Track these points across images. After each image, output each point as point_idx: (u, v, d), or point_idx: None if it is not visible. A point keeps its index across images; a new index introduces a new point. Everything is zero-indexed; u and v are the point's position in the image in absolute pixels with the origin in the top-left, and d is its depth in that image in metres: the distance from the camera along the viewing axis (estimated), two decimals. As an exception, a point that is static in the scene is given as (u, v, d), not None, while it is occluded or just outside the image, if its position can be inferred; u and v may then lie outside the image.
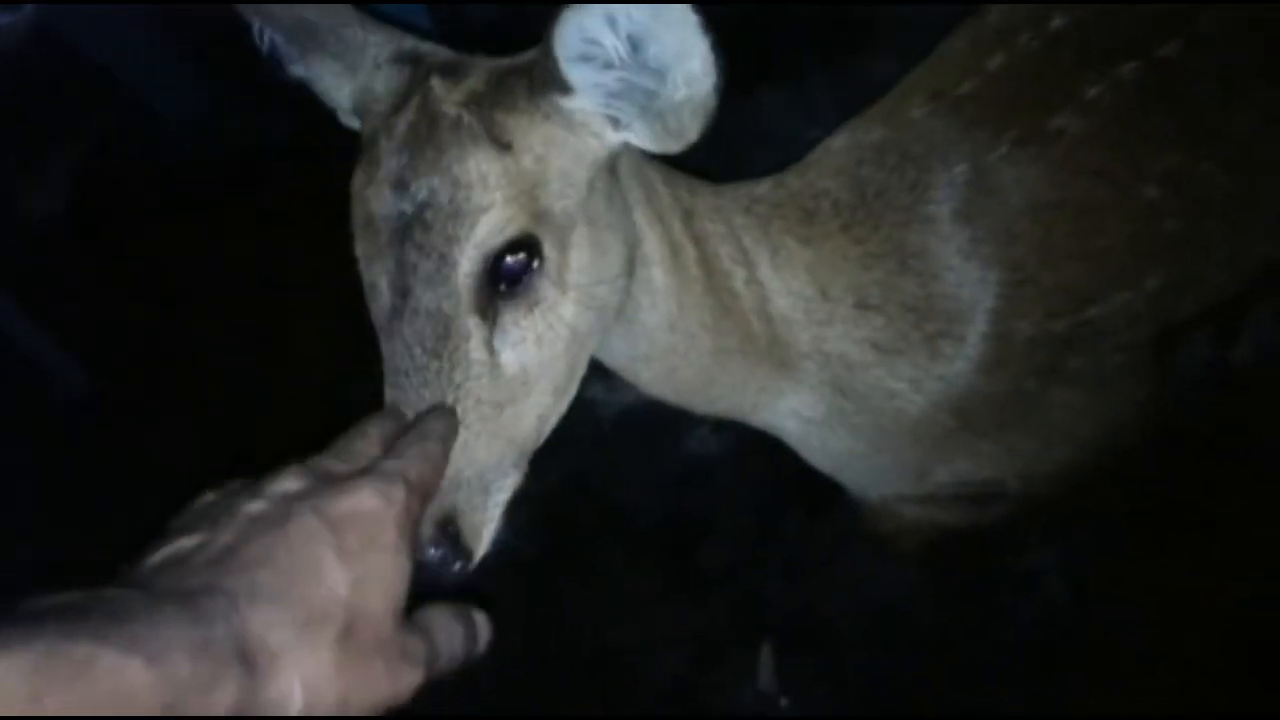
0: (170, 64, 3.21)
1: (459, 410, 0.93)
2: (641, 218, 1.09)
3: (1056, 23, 1.23)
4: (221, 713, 0.59)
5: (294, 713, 0.63)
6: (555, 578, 2.17)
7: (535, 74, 0.93)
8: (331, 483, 0.74)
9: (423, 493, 0.80)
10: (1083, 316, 1.23)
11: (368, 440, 0.85)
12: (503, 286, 0.93)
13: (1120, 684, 1.85)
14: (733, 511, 2.20)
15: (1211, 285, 1.36)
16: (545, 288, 0.95)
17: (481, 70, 0.98)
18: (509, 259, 0.92)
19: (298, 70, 1.09)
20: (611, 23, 0.83)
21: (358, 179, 0.97)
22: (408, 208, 0.91)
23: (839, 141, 1.29)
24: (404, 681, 0.71)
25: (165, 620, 0.58)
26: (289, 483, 0.74)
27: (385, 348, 0.95)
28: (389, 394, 0.94)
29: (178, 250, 2.84)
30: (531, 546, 2.20)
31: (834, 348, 1.24)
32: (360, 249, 0.97)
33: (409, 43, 1.05)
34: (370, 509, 0.72)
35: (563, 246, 0.96)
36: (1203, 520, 1.93)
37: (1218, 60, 1.21)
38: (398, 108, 0.97)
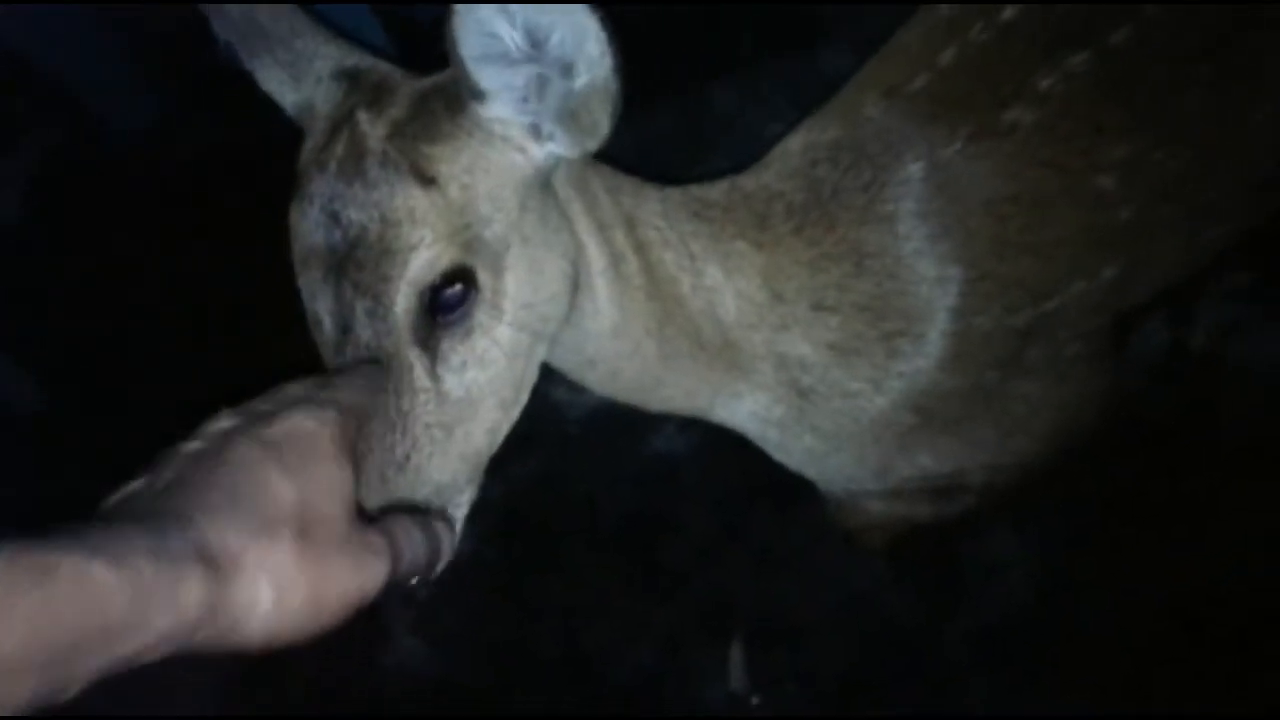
0: (122, 73, 3.16)
1: (408, 437, 0.93)
2: (582, 229, 1.09)
3: (1008, 14, 1.23)
4: (192, 613, 0.60)
5: (266, 609, 0.65)
6: (523, 578, 2.16)
7: (450, 89, 0.94)
8: (264, 417, 0.76)
9: (355, 416, 0.82)
10: (1041, 309, 1.23)
11: (295, 387, 0.85)
12: (440, 316, 0.94)
13: (1086, 672, 1.86)
14: (700, 509, 2.20)
15: (1166, 271, 1.37)
16: (481, 314, 0.96)
17: (405, 95, 0.98)
18: (445, 291, 0.93)
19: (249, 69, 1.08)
20: (504, 12, 0.84)
21: (293, 212, 0.97)
22: (340, 244, 0.92)
23: (795, 142, 1.28)
24: (370, 574, 0.72)
25: (123, 533, 0.60)
26: (223, 422, 0.76)
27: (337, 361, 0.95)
28: None
29: (131, 261, 2.80)
30: (498, 548, 2.19)
31: (790, 350, 1.24)
32: (301, 281, 0.97)
33: (352, 59, 1.04)
34: (305, 429, 0.74)
35: (497, 271, 0.96)
36: (1163, 506, 1.95)
37: (1167, 45, 1.20)
38: (329, 137, 0.97)
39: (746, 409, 1.30)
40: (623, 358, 1.18)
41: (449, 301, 0.94)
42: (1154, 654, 1.84)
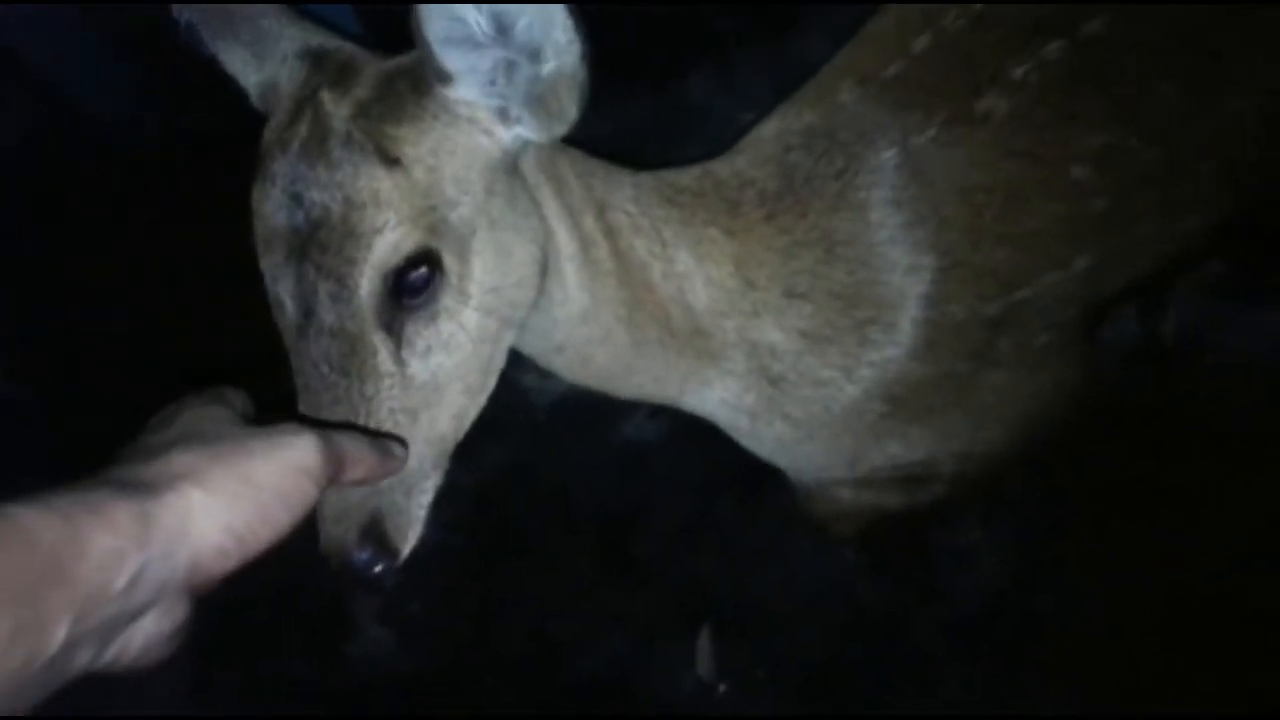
0: (93, 58, 3.12)
1: (372, 422, 0.93)
2: (551, 213, 1.08)
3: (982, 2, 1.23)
4: (126, 527, 0.61)
5: (200, 503, 0.66)
6: (491, 567, 2.15)
7: (416, 70, 0.93)
8: None
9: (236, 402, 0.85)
10: (1013, 298, 1.23)
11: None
12: (405, 300, 0.92)
13: (1057, 660, 1.87)
14: (670, 497, 2.19)
15: (1140, 261, 1.37)
16: (447, 298, 0.95)
17: (370, 76, 0.97)
18: (410, 274, 0.92)
19: (212, 50, 1.06)
20: None
21: (255, 193, 0.95)
22: (303, 226, 0.91)
23: (769, 128, 1.28)
24: (296, 444, 0.74)
25: (34, 495, 0.61)
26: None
27: (295, 362, 0.94)
28: (301, 406, 0.94)
29: (102, 248, 2.77)
30: (467, 536, 2.18)
31: (761, 337, 1.23)
32: (263, 264, 0.95)
33: (317, 39, 1.03)
34: (164, 413, 0.79)
35: (463, 255, 0.95)
36: (1135, 495, 1.95)
37: (1142, 34, 1.20)
38: (292, 117, 0.95)
39: (717, 396, 1.30)
40: (592, 344, 1.17)
41: (414, 285, 0.92)
42: (1127, 641, 1.85)
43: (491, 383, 1.04)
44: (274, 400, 0.91)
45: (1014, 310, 1.25)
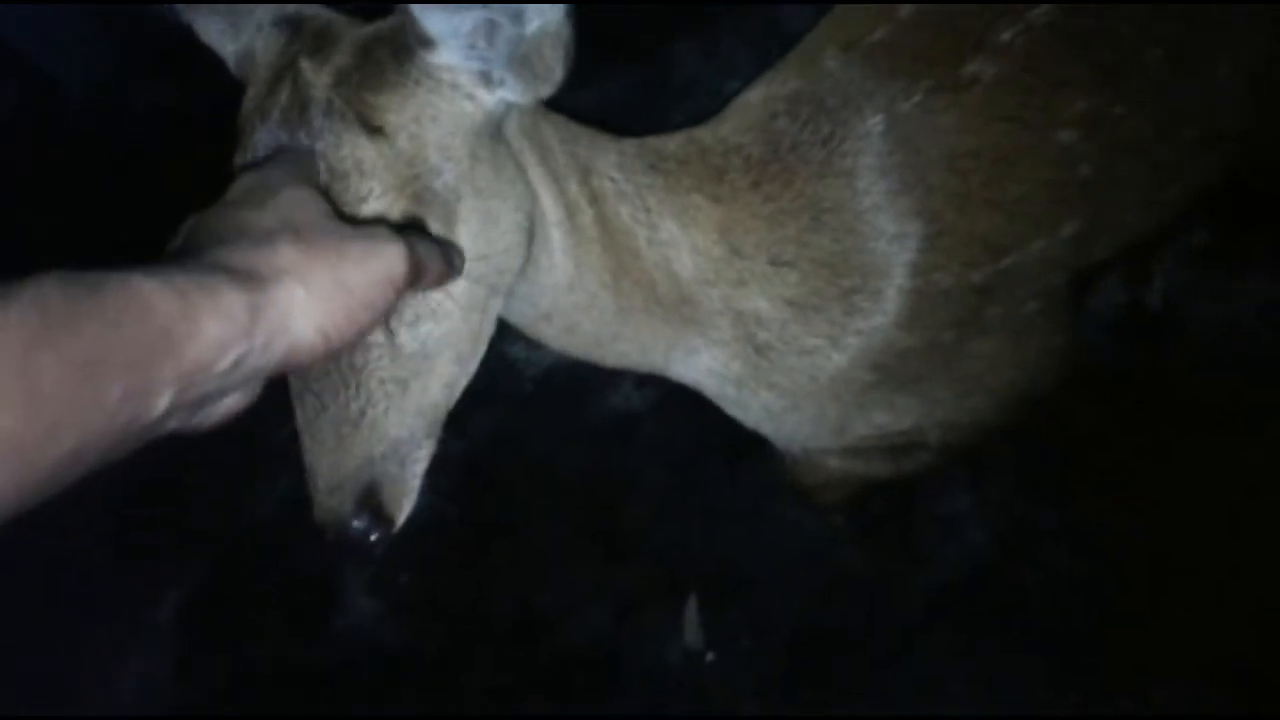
0: (74, 31, 3.09)
1: (362, 392, 0.92)
2: (536, 179, 1.07)
3: (969, -35, 1.22)
4: (239, 316, 0.65)
5: (303, 302, 0.70)
6: (478, 537, 2.15)
7: (398, 36, 0.92)
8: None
9: (298, 163, 0.87)
10: (1000, 266, 1.22)
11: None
12: None
13: (1041, 626, 1.88)
14: (657, 467, 2.19)
15: (1127, 229, 1.36)
16: (436, 268, 0.91)
17: (349, 43, 0.95)
18: None
19: (187, 19, 1.04)
20: None
21: (236, 164, 0.94)
22: None
23: (754, 95, 1.27)
24: (388, 255, 0.76)
25: (146, 264, 0.64)
26: (188, 221, 0.78)
27: None
28: (292, 380, 0.93)
29: (79, 222, 2.75)
30: (454, 507, 2.18)
31: (747, 305, 1.22)
32: None
33: (293, 6, 1.01)
34: (254, 181, 0.80)
35: (449, 223, 0.94)
36: (1119, 463, 1.96)
37: (1129, -1, 1.20)
38: (271, 87, 0.94)
39: (703, 365, 1.29)
40: (579, 311, 1.17)
41: None
42: (1110, 610, 1.86)
43: (481, 350, 1.03)
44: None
45: (1001, 278, 1.24)
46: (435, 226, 0.93)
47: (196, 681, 2.13)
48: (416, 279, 0.80)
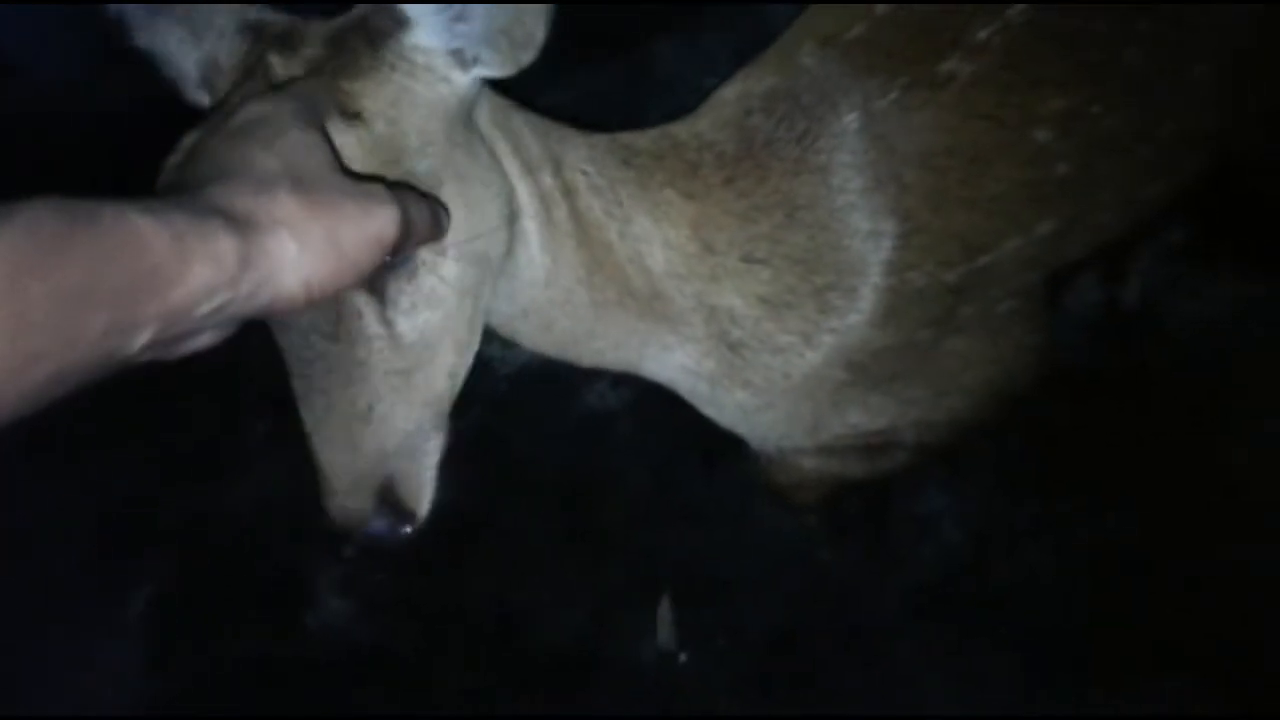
0: (44, 25, 3.06)
1: (368, 387, 0.92)
2: (510, 169, 1.07)
3: (946, -38, 1.21)
4: (229, 263, 0.65)
5: (293, 255, 0.70)
6: (452, 537, 2.13)
7: (368, 22, 0.91)
8: (223, 114, 0.81)
9: (311, 102, 0.84)
10: (975, 264, 1.22)
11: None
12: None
13: (1017, 626, 1.88)
14: (632, 466, 2.18)
15: (1104, 228, 1.36)
16: (424, 251, 0.93)
17: (317, 36, 0.94)
18: None
19: (144, 39, 1.02)
20: None
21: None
22: None
23: (730, 91, 1.26)
24: (380, 214, 0.77)
25: (142, 198, 0.64)
26: (188, 138, 0.81)
27: (282, 339, 0.93)
28: (296, 383, 0.93)
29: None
30: (430, 512, 2.17)
31: (720, 302, 1.21)
32: None
33: (253, 13, 0.99)
34: (264, 111, 0.78)
35: None
36: (1096, 462, 1.96)
37: (1107, -3, 1.20)
38: (239, 86, 0.93)
39: (677, 362, 1.28)
40: (555, 307, 1.16)
41: None
42: (1088, 606, 1.86)
43: (477, 339, 1.03)
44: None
45: (976, 276, 1.23)
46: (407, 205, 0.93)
47: (168, 677, 2.11)
48: (406, 240, 0.81)
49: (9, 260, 0.54)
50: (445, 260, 0.95)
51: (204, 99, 1.02)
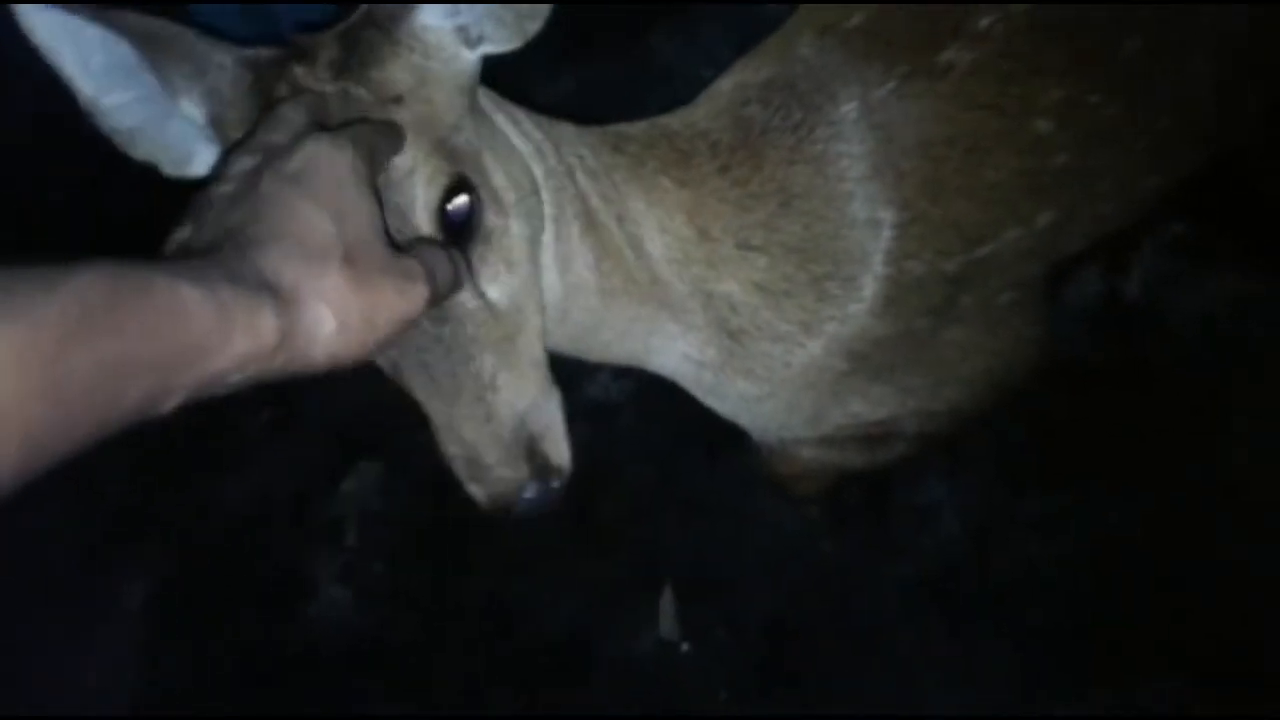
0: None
1: (487, 356, 0.95)
2: (521, 148, 1.07)
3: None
4: (268, 338, 0.66)
5: (329, 333, 0.71)
6: (452, 527, 2.14)
7: (374, 14, 0.92)
8: (282, 151, 0.78)
9: (370, 145, 0.83)
10: (974, 255, 1.22)
11: (295, 110, 0.86)
12: (459, 231, 0.93)
13: (1016, 619, 1.88)
14: (634, 458, 2.18)
15: (1102, 219, 1.36)
16: (489, 215, 0.95)
17: (327, 41, 0.94)
18: (453, 205, 0.92)
19: (114, 117, 0.99)
20: None
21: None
22: None
23: (727, 82, 1.26)
24: (414, 296, 0.78)
25: (196, 262, 0.66)
26: (242, 162, 0.78)
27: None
28: (416, 380, 0.95)
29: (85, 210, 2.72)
30: (428, 496, 2.17)
31: (719, 288, 1.22)
32: None
33: (250, 51, 0.98)
34: (324, 158, 0.77)
35: (482, 174, 0.96)
36: (1096, 455, 1.96)
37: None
38: (268, 101, 0.92)
39: (679, 351, 1.28)
40: (568, 296, 1.16)
41: (461, 214, 0.93)
42: (1086, 599, 1.86)
43: (544, 302, 1.06)
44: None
45: (975, 267, 1.23)
46: (475, 177, 0.95)
47: (165, 669, 2.11)
48: (430, 306, 0.82)
49: (57, 328, 0.54)
50: (510, 219, 0.98)
51: (183, 165, 1.02)
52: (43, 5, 0.90)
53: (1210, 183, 1.45)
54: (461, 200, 0.93)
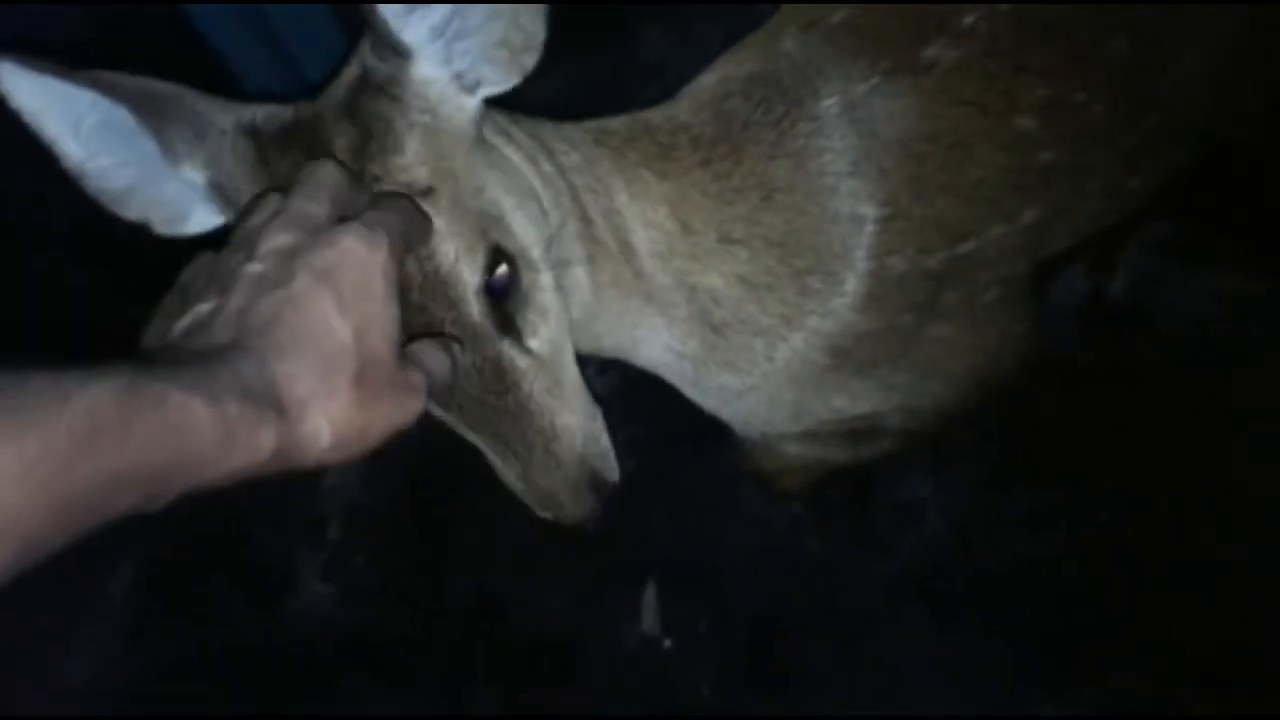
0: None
1: (545, 409, 0.99)
2: (517, 163, 1.07)
3: (932, -53, 1.20)
4: (266, 451, 0.68)
5: (324, 447, 0.73)
6: (436, 522, 2.13)
7: (375, 74, 0.92)
8: (318, 233, 0.78)
9: (404, 240, 0.84)
10: (957, 251, 1.21)
11: (331, 175, 0.85)
12: (502, 301, 0.96)
13: (1001, 614, 1.88)
14: (619, 453, 2.17)
15: (1088, 217, 1.36)
16: (527, 276, 0.97)
17: (336, 118, 0.92)
18: (495, 278, 0.94)
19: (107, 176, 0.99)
20: None
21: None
22: None
23: (710, 77, 1.26)
24: (410, 409, 0.80)
25: (213, 370, 0.66)
26: (279, 238, 0.78)
27: (452, 415, 0.99)
28: (483, 442, 1.01)
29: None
30: (413, 491, 2.16)
31: (701, 281, 1.22)
32: None
33: (246, 112, 0.97)
34: (358, 258, 0.77)
35: (509, 232, 0.97)
36: (1080, 452, 1.97)
37: (1095, -17, 1.19)
38: (275, 184, 0.91)
39: (663, 343, 1.28)
40: (566, 296, 1.15)
41: (501, 285, 0.95)
42: (1071, 596, 1.86)
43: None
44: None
45: (959, 264, 1.23)
46: (507, 242, 0.96)
47: (148, 656, 2.11)
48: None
49: (66, 443, 0.55)
50: (540, 274, 1.00)
51: (180, 228, 1.03)
52: (27, 71, 0.89)
53: (1202, 182, 1.45)
54: (501, 271, 0.94)
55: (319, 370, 0.72)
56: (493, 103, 1.01)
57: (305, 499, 2.22)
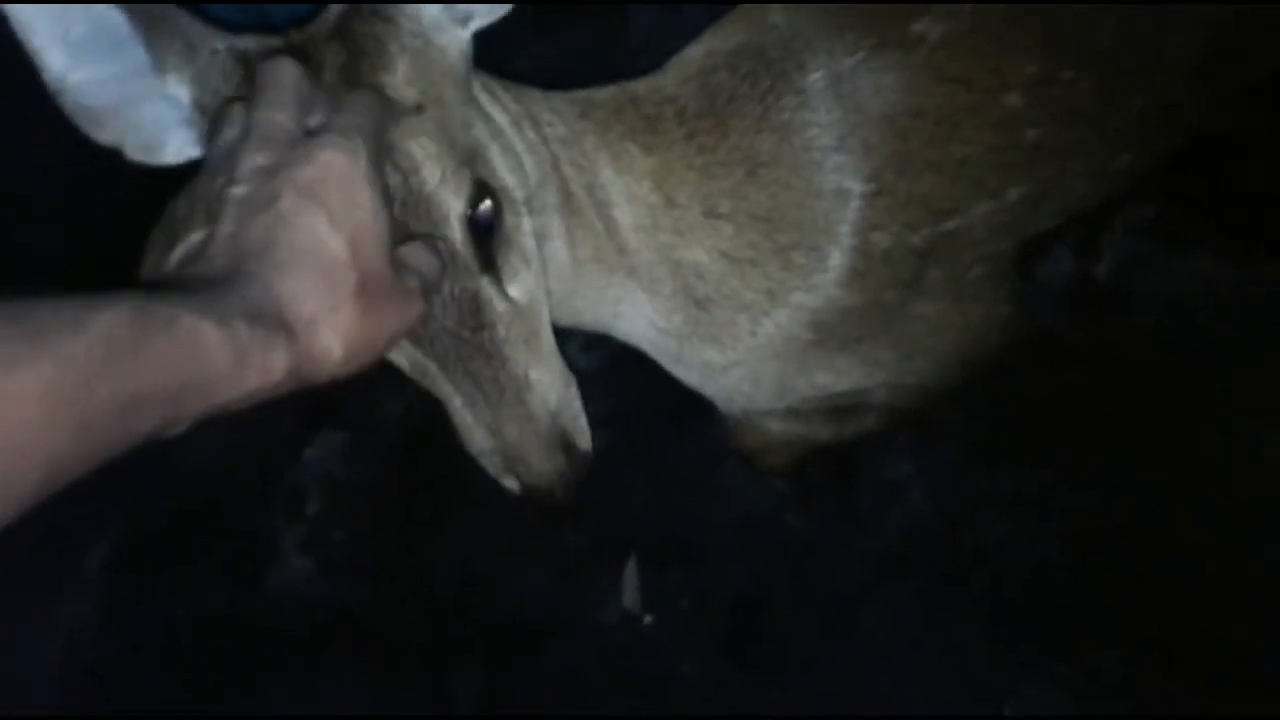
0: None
1: (519, 356, 0.98)
2: (501, 122, 1.07)
3: (919, -77, 1.19)
4: (280, 371, 0.69)
5: (336, 361, 0.74)
6: (417, 498, 2.13)
7: (365, 8, 0.92)
8: (293, 146, 0.79)
9: (376, 139, 0.83)
10: (942, 228, 1.21)
11: (289, 73, 0.85)
12: (485, 236, 0.95)
13: (984, 592, 1.88)
14: (601, 429, 2.17)
15: (1074, 196, 1.36)
16: (508, 214, 0.97)
17: (326, 40, 0.92)
18: (479, 210, 0.93)
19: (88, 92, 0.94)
20: None
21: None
22: None
23: (696, 50, 1.25)
24: (410, 313, 0.82)
25: (218, 296, 0.67)
26: (256, 157, 0.78)
27: (421, 350, 0.97)
28: (456, 386, 0.98)
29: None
30: (394, 467, 2.16)
31: (685, 256, 1.21)
32: None
33: (240, 40, 0.95)
34: (340, 170, 0.77)
35: (493, 171, 0.97)
36: (1064, 431, 1.97)
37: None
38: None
39: (646, 317, 1.28)
40: (545, 268, 1.15)
41: (485, 220, 0.94)
42: (1054, 575, 1.87)
43: None
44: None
45: (944, 240, 1.23)
46: (491, 179, 0.96)
47: (124, 632, 2.09)
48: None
49: (84, 365, 0.57)
50: (520, 217, 0.99)
51: (154, 155, 0.99)
52: None
53: (1186, 165, 1.44)
54: (486, 205, 0.94)
55: (322, 287, 0.73)
56: (482, 67, 1.01)
57: (285, 472, 2.20)
